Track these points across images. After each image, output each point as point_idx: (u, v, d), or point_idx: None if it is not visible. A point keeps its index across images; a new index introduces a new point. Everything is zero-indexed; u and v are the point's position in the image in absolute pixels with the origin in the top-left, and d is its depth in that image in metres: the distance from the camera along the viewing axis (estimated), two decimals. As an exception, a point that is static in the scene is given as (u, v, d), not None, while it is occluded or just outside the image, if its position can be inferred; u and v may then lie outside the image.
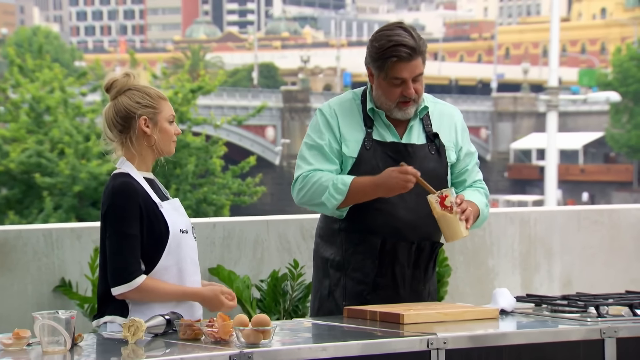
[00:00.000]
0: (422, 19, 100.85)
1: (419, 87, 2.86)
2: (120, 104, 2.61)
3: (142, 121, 2.61)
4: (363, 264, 2.87)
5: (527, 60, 64.40)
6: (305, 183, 2.86)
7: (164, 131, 2.62)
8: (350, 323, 2.67)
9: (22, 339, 2.32)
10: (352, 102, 2.93)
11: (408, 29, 2.83)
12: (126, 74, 2.63)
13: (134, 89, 2.62)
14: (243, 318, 2.36)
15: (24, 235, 3.43)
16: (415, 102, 2.87)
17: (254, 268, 3.77)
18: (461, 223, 2.75)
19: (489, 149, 46.94)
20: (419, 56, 2.83)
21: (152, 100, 2.61)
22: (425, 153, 2.88)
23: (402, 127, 2.90)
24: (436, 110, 2.96)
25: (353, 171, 2.86)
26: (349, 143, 2.87)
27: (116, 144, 2.64)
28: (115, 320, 2.54)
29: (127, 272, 2.52)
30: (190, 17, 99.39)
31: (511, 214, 4.43)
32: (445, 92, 54.00)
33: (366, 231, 2.86)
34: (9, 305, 3.38)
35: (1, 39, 56.39)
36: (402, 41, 2.80)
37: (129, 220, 2.53)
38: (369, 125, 2.88)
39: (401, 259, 2.86)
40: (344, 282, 2.88)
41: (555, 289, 4.43)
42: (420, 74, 2.85)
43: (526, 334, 2.58)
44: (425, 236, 2.89)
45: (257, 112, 18.21)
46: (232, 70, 53.90)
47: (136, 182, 2.58)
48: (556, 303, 2.86)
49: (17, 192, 15.53)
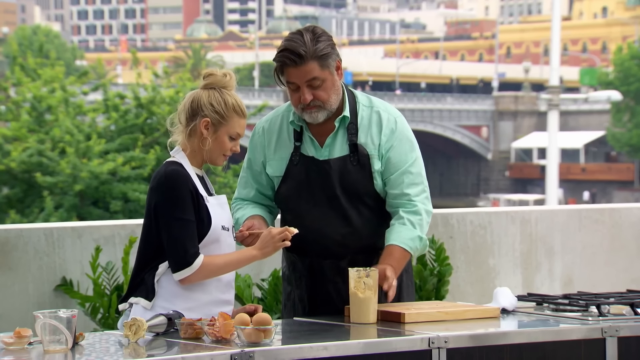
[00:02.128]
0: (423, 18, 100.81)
1: (321, 93, 2.74)
2: (199, 97, 2.64)
3: (203, 122, 2.63)
4: (300, 281, 2.88)
5: (528, 60, 64.34)
6: (231, 211, 2.84)
7: (219, 142, 2.64)
8: (350, 322, 2.66)
9: (23, 338, 2.32)
10: (284, 115, 2.87)
11: (306, 34, 2.74)
12: (225, 74, 2.66)
13: (220, 92, 2.65)
14: (244, 317, 2.36)
15: (25, 234, 3.43)
16: (321, 107, 2.76)
17: (255, 267, 3.76)
18: (372, 308, 2.62)
19: (490, 148, 46.94)
20: (309, 62, 2.71)
21: (224, 109, 2.64)
22: (346, 165, 2.79)
23: (326, 137, 2.82)
24: (366, 116, 2.83)
25: (281, 187, 2.84)
26: (273, 163, 2.85)
27: (179, 130, 2.66)
28: (139, 302, 2.56)
29: (187, 256, 2.54)
30: (191, 16, 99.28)
31: (512, 213, 4.42)
32: (446, 91, 53.99)
33: (296, 251, 2.84)
34: (10, 304, 3.38)
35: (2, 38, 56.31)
36: (289, 46, 2.73)
37: (183, 206, 2.54)
38: (298, 138, 2.83)
39: (330, 276, 2.82)
40: (293, 297, 2.90)
41: (556, 288, 4.43)
42: (315, 78, 2.72)
43: (527, 333, 2.58)
44: (359, 249, 2.81)
45: (259, 111, 18.16)
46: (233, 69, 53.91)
47: (187, 172, 2.60)
48: (557, 302, 2.85)
49: (18, 191, 15.48)
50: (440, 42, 75.19)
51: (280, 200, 2.86)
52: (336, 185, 2.78)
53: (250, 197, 2.89)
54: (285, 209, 2.87)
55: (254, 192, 2.89)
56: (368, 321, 2.62)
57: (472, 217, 4.30)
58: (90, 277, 3.52)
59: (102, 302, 3.51)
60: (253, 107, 23.55)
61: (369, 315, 2.63)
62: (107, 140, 15.37)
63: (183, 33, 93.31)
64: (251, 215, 2.83)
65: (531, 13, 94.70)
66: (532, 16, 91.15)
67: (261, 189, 2.89)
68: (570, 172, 42.79)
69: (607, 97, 22.48)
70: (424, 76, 61.33)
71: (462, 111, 46.39)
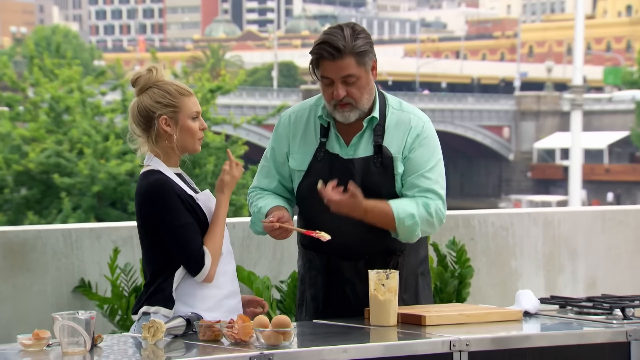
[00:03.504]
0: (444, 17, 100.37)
1: (354, 90, 2.72)
2: (142, 103, 2.60)
3: (162, 121, 2.59)
4: (316, 280, 2.85)
5: (551, 59, 63.94)
6: (248, 199, 2.89)
7: (186, 129, 2.60)
8: (371, 324, 2.64)
9: (41, 339, 2.32)
10: (311, 110, 2.83)
11: (347, 29, 2.71)
12: (149, 69, 2.61)
13: (156, 86, 2.60)
14: (263, 319, 2.35)
15: (43, 236, 3.43)
16: (353, 106, 2.73)
17: (274, 269, 3.75)
18: (392, 310, 2.58)
19: (511, 149, 46.67)
20: (347, 57, 2.68)
21: (172, 99, 2.59)
22: (369, 167, 2.76)
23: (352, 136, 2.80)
24: (394, 119, 2.80)
25: (302, 183, 2.80)
26: (296, 156, 2.80)
27: (142, 140, 2.63)
28: (159, 311, 2.54)
29: (199, 259, 2.53)
30: (209, 15, 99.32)
31: (535, 215, 4.38)
32: (467, 91, 53.72)
33: (313, 249, 2.81)
34: (28, 306, 3.38)
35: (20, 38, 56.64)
36: (329, 40, 2.69)
37: (176, 213, 2.52)
38: (324, 134, 2.79)
39: (347, 276, 2.79)
40: (306, 297, 2.87)
41: (579, 290, 4.38)
42: (351, 75, 2.70)
43: (550, 336, 2.55)
44: (376, 250, 2.78)
45: (277, 112, 18.10)
46: (251, 70, 53.71)
47: (168, 177, 2.58)
48: (581, 305, 2.82)
49: (36, 192, 15.49)
50: (461, 42, 74.86)
51: (301, 196, 2.83)
52: (358, 185, 2.73)
53: (271, 188, 2.86)
54: (305, 205, 2.84)
55: (275, 182, 2.85)
56: (388, 323, 2.60)
57: (494, 218, 4.26)
58: (109, 279, 3.51)
59: (121, 303, 3.51)
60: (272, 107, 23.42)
61: (389, 317, 2.60)
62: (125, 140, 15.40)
63: (201, 33, 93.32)
64: (276, 205, 2.80)
65: (554, 11, 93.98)
66: (555, 15, 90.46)
67: (283, 180, 2.86)
68: (594, 173, 42.41)
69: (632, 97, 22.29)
70: (445, 76, 61.09)
71: (484, 111, 46.14)
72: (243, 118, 17.28)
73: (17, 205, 15.41)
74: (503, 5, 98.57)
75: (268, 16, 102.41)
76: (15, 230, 3.43)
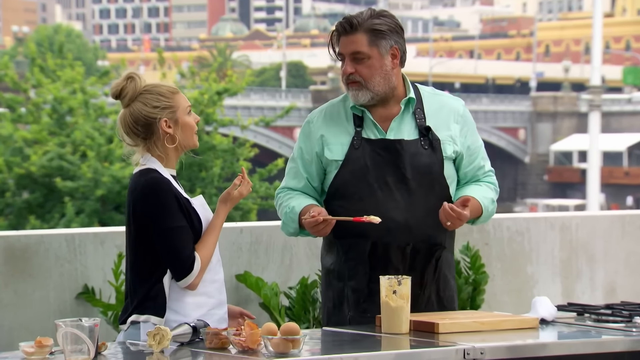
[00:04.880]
0: (458, 15, 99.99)
1: (364, 69, 2.70)
2: (137, 112, 2.55)
3: (163, 124, 2.57)
4: (356, 270, 2.79)
5: (568, 58, 63.56)
6: (276, 202, 2.88)
7: (185, 126, 2.59)
8: (382, 332, 2.59)
9: (44, 347, 2.29)
10: (341, 104, 2.83)
11: (373, 9, 2.74)
12: (129, 77, 2.57)
13: (146, 92, 2.58)
14: (271, 327, 2.32)
15: (46, 241, 3.39)
16: (362, 85, 2.71)
17: (283, 274, 3.70)
18: (404, 317, 2.53)
19: (527, 151, 46.49)
20: (359, 33, 2.69)
21: (168, 100, 2.58)
22: (417, 148, 2.75)
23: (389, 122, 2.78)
24: (434, 103, 2.82)
25: (340, 173, 2.78)
26: (333, 147, 2.78)
27: (139, 149, 2.61)
28: (149, 320, 2.50)
29: (188, 263, 2.49)
30: (216, 14, 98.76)
31: (551, 219, 4.32)
32: (481, 91, 53.53)
33: (356, 235, 2.76)
34: (30, 313, 3.35)
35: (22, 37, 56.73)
36: (348, 16, 2.73)
37: (172, 214, 2.48)
38: (359, 124, 2.78)
39: (394, 262, 2.76)
40: (347, 293, 2.82)
41: (598, 297, 4.31)
42: (360, 52, 2.69)
43: (568, 344, 2.51)
44: (422, 237, 2.76)
45: (286, 113, 17.90)
46: (259, 70, 53.24)
47: (165, 177, 2.56)
48: (599, 312, 2.78)
49: (38, 196, 15.20)
50: (476, 41, 74.63)
51: (338, 186, 2.79)
52: (407, 168, 2.73)
53: (299, 187, 2.83)
54: (343, 194, 2.79)
55: (304, 182, 2.83)
56: (400, 331, 2.55)
57: (509, 223, 4.20)
58: (113, 285, 3.47)
59: (126, 310, 3.46)
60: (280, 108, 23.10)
61: (402, 325, 2.55)
62: None
63: (208, 32, 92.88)
64: (310, 203, 2.79)
65: (571, 9, 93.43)
66: (572, 13, 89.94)
67: (310, 179, 2.84)
68: (613, 176, 42.15)
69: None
70: (458, 76, 60.90)
71: (498, 112, 45.98)
72: (251, 119, 17.04)
73: (19, 209, 15.14)
74: (518, 3, 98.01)
75: (276, 15, 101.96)
76: (17, 235, 3.41)
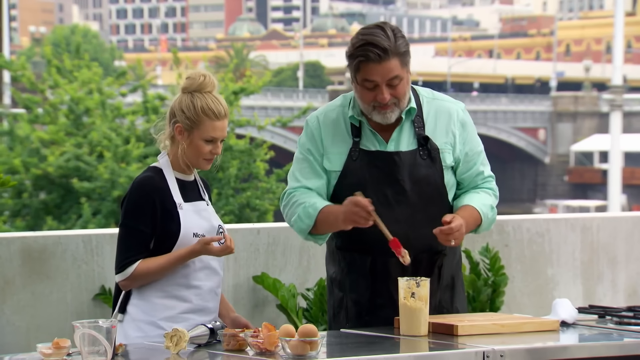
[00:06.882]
0: (477, 15, 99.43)
1: (399, 91, 2.66)
2: (175, 102, 2.68)
3: (177, 128, 2.66)
4: (358, 283, 2.76)
5: (589, 58, 63.06)
6: (287, 201, 2.75)
7: (195, 147, 2.65)
8: (400, 334, 2.58)
9: (62, 348, 2.29)
10: (339, 110, 2.76)
11: (387, 29, 2.64)
12: (202, 74, 2.67)
13: (192, 94, 2.66)
14: (289, 328, 2.31)
15: (63, 242, 3.40)
16: (396, 105, 2.67)
17: (300, 276, 3.69)
18: (423, 319, 2.51)
19: (547, 152, 46.16)
20: (392, 58, 2.62)
21: (194, 114, 2.64)
22: (415, 159, 2.70)
23: (390, 132, 2.72)
24: (432, 109, 2.75)
25: (339, 184, 2.73)
26: (331, 156, 2.73)
27: (163, 135, 2.70)
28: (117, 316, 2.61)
29: (124, 262, 2.59)
30: (233, 14, 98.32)
31: (572, 221, 4.27)
32: (501, 91, 53.20)
33: (357, 250, 2.74)
34: (48, 314, 3.36)
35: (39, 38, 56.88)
36: (373, 40, 2.61)
37: (138, 215, 2.58)
38: (356, 134, 2.72)
39: (394, 276, 2.68)
40: (346, 303, 2.79)
41: (619, 299, 4.26)
42: (396, 77, 2.64)
43: (589, 347, 2.49)
44: (423, 248, 2.71)
45: (303, 114, 17.79)
46: (276, 70, 52.84)
47: (162, 179, 2.61)
48: (621, 315, 2.75)
49: (55, 197, 15.13)
50: (495, 40, 74.22)
51: (338, 197, 2.73)
52: (406, 180, 2.69)
53: (316, 187, 2.73)
54: None
55: (323, 180, 2.73)
56: (419, 333, 2.53)
57: (529, 224, 4.16)
58: (130, 286, 3.47)
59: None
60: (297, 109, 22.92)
61: (420, 327, 2.53)
62: (146, 144, 14.87)
63: (225, 32, 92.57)
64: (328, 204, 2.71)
65: (592, 8, 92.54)
66: (593, 11, 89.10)
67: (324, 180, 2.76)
68: (635, 177, 41.72)
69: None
70: (477, 76, 60.55)
71: (518, 112, 45.68)
72: (267, 120, 16.86)
73: (36, 210, 15.09)
74: (539, 2, 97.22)
75: (294, 14, 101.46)
76: (34, 235, 3.41)
